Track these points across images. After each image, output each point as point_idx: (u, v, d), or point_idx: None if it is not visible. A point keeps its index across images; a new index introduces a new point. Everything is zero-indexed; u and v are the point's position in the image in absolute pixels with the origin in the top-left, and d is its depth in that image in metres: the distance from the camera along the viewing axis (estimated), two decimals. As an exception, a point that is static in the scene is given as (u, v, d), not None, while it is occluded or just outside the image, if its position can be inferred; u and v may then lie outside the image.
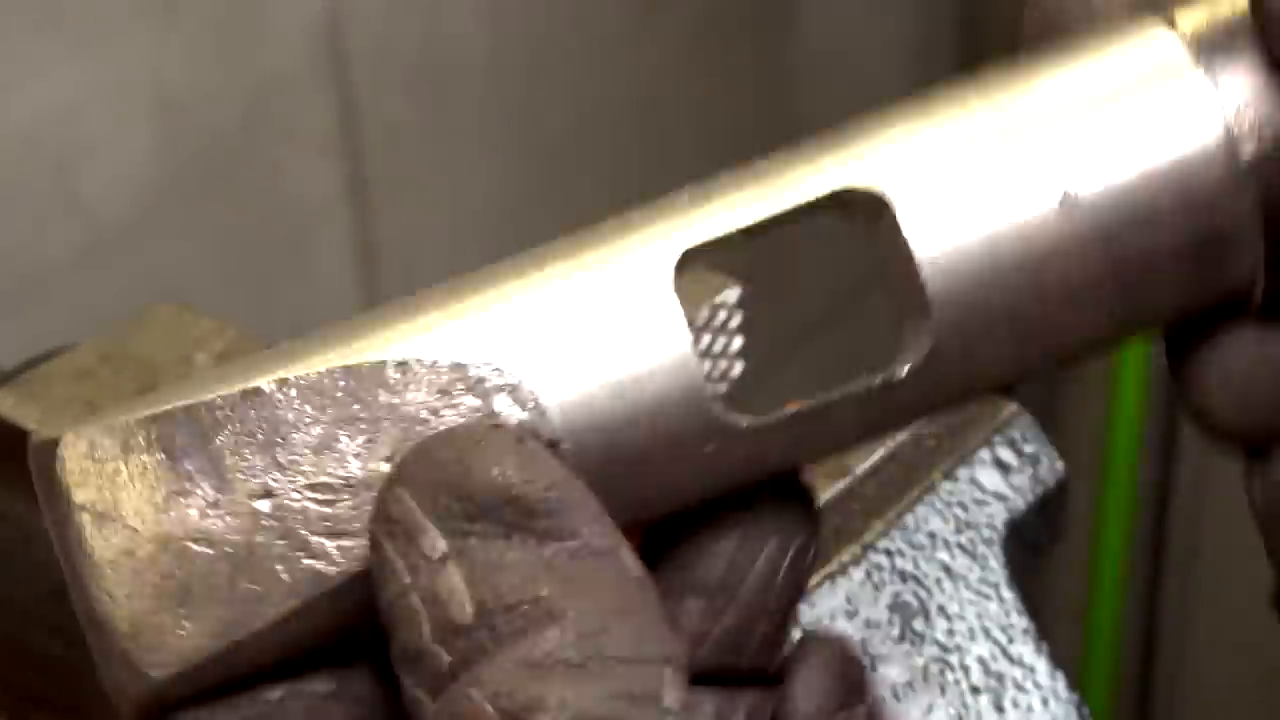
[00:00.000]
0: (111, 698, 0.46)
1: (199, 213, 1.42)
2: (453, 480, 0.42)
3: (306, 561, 0.44)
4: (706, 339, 0.50)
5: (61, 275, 1.33)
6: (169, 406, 0.45)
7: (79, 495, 0.44)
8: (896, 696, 0.74)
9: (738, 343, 0.83)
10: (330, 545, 0.44)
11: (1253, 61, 0.45)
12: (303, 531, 0.44)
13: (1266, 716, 2.04)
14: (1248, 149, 0.45)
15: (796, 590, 0.48)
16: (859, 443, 0.48)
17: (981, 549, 0.77)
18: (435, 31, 1.55)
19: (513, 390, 0.44)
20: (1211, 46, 0.45)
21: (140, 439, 0.44)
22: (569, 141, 1.71)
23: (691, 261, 0.46)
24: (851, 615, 0.75)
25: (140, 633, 0.44)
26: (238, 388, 0.45)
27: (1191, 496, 2.08)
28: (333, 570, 0.44)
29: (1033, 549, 0.81)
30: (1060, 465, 0.83)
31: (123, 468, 0.44)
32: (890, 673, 0.74)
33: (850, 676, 0.49)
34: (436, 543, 0.42)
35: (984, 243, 0.45)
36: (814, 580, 0.75)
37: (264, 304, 1.48)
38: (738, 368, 0.83)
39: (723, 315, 0.81)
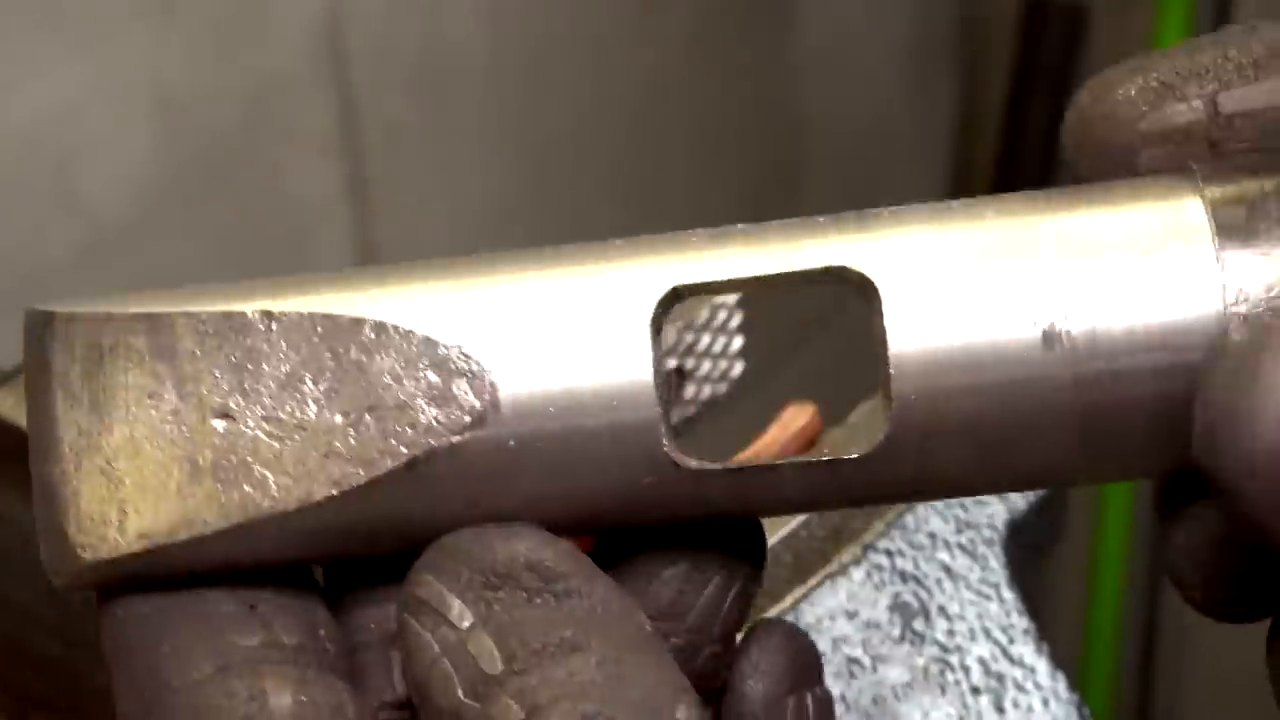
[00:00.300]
0: (44, 565, 0.48)
1: (199, 213, 1.42)
2: (474, 556, 0.45)
3: (245, 488, 0.46)
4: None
5: (61, 275, 1.33)
6: (160, 310, 0.47)
7: (58, 369, 0.47)
8: (897, 696, 0.74)
9: (738, 343, 0.83)
10: (270, 479, 0.46)
11: (1266, 253, 0.45)
12: (248, 459, 0.46)
13: (1266, 716, 2.04)
14: (1237, 336, 0.45)
15: (742, 616, 0.49)
16: (802, 510, 0.49)
17: (982, 549, 0.77)
18: (435, 31, 1.55)
19: (473, 379, 0.46)
20: (1231, 226, 0.46)
21: (126, 334, 0.47)
22: (568, 141, 1.71)
23: (682, 297, 0.47)
24: (851, 615, 0.75)
25: (82, 515, 0.47)
26: (224, 308, 0.47)
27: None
28: (265, 503, 0.46)
29: (1033, 549, 0.81)
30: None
31: (103, 356, 0.47)
32: (890, 673, 0.74)
33: (801, 660, 0.50)
34: (464, 613, 0.44)
35: (960, 353, 0.46)
36: (814, 580, 0.75)
37: (264, 304, 1.48)
38: (737, 368, 0.83)
39: (723, 315, 0.81)
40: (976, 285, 0.46)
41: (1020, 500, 0.81)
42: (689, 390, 0.80)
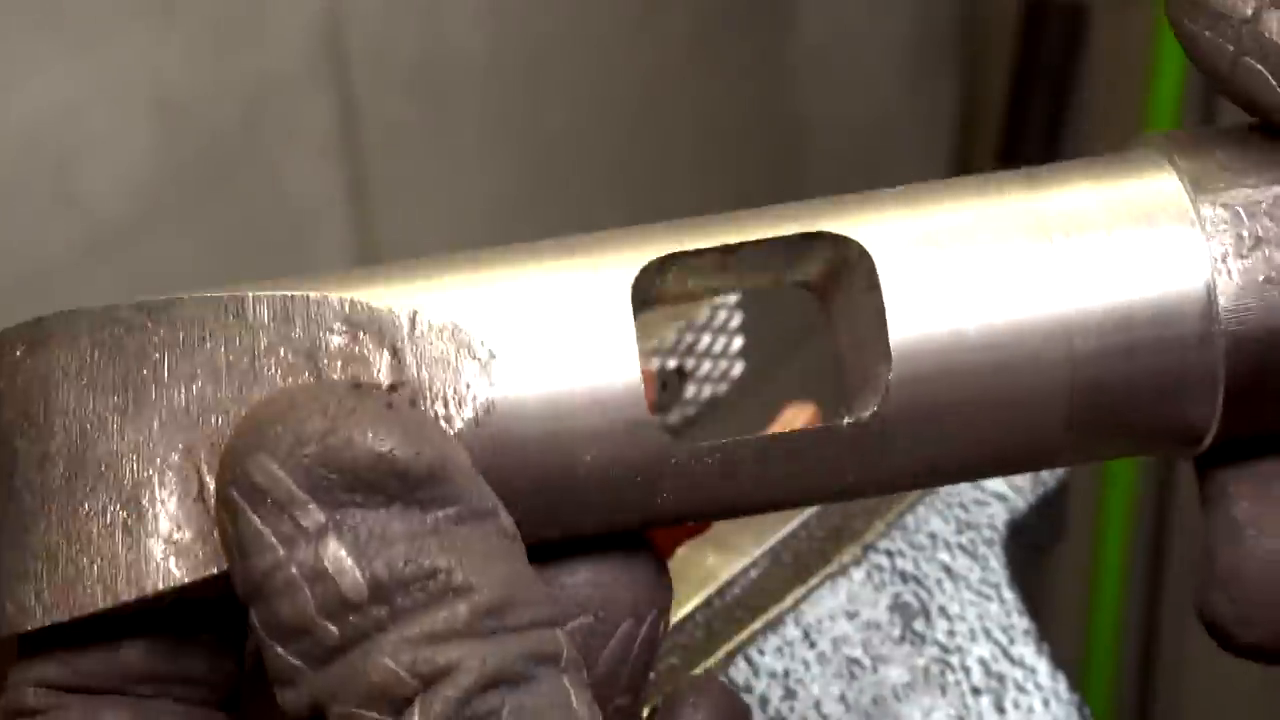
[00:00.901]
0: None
1: (199, 213, 1.42)
2: (329, 451, 0.40)
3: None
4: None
5: (61, 274, 1.33)
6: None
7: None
8: (897, 697, 0.74)
9: (738, 343, 0.83)
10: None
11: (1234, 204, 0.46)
12: None
13: (1266, 716, 2.04)
14: (1226, 303, 0.46)
15: (650, 661, 0.47)
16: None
17: (982, 549, 0.77)
18: (435, 32, 1.55)
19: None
20: (1205, 187, 0.46)
21: None
22: (568, 141, 1.71)
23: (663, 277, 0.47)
24: (852, 615, 0.75)
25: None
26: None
27: (1192, 497, 2.08)
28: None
29: (1033, 549, 0.81)
30: (1061, 465, 0.83)
31: None
32: (891, 673, 0.74)
33: (732, 714, 0.48)
34: (314, 515, 0.40)
35: (949, 335, 0.45)
36: (814, 580, 0.75)
37: (264, 304, 1.47)
38: (737, 368, 0.83)
39: (723, 315, 0.81)
40: (969, 262, 0.46)
41: (1020, 500, 0.81)
42: (689, 390, 0.80)
